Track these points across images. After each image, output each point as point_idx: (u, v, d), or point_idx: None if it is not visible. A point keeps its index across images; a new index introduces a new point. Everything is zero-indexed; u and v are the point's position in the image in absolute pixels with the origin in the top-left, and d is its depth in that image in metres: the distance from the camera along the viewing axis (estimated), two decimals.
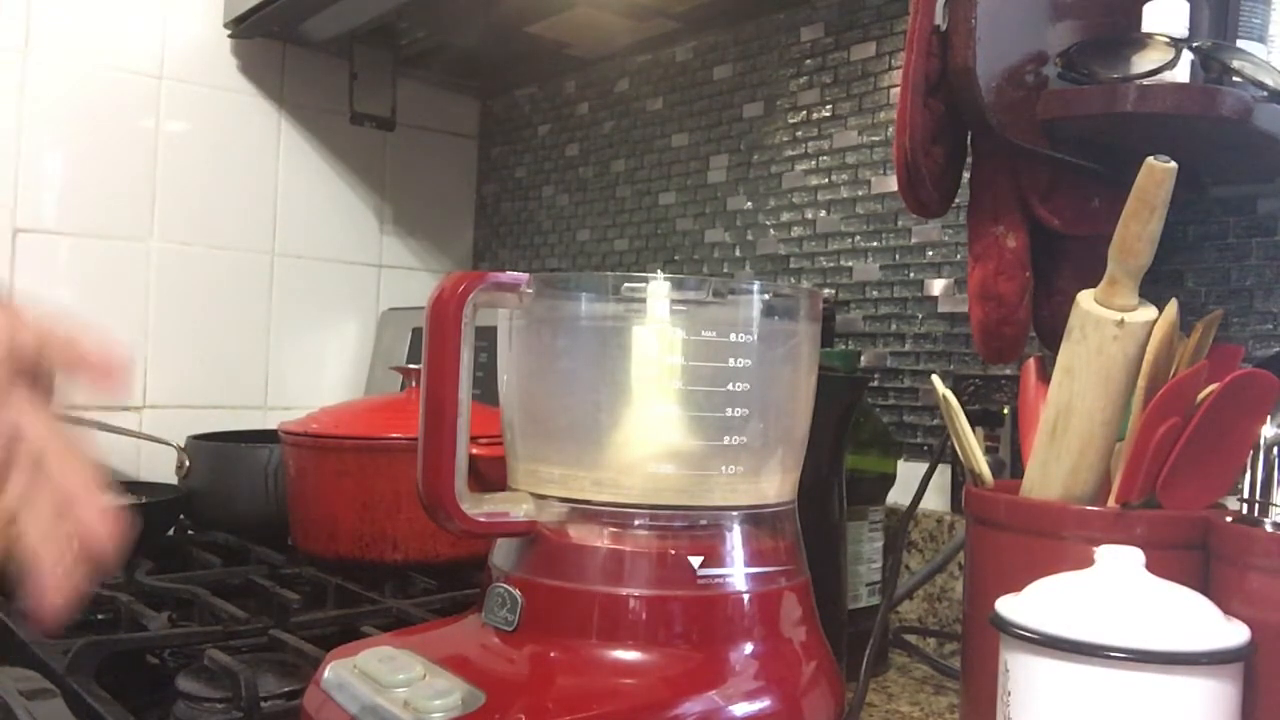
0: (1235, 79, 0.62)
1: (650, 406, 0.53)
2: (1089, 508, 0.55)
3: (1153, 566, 0.48)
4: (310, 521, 0.94)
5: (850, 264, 1.03)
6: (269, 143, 1.37)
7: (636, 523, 0.52)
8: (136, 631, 0.76)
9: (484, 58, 1.39)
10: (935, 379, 0.66)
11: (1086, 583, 0.49)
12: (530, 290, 0.54)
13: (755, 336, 0.53)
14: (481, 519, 0.52)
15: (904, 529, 0.76)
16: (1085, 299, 0.55)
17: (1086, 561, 0.49)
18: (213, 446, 1.13)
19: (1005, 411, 0.85)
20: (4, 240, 1.18)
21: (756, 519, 0.54)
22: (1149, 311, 0.54)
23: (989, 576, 0.58)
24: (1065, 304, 0.57)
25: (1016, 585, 0.51)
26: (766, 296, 0.55)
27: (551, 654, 0.51)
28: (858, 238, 1.02)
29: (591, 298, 0.54)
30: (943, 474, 0.91)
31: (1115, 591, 0.48)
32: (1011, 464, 0.83)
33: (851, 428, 0.75)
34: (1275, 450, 0.50)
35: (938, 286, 0.95)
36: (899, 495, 0.85)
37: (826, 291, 1.03)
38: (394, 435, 0.90)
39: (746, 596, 0.53)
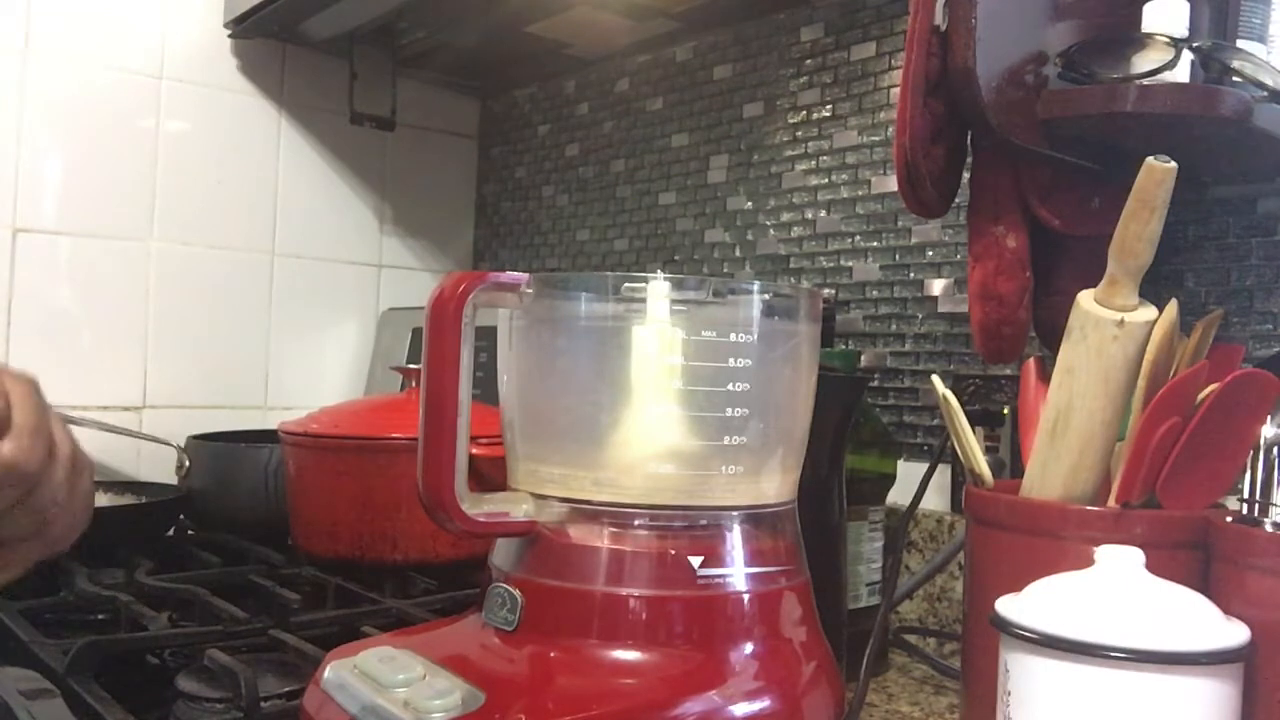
0: (1235, 79, 0.62)
1: (650, 406, 0.53)
2: (1089, 508, 0.55)
3: (1153, 566, 0.48)
4: (310, 521, 0.94)
5: (850, 264, 1.03)
6: (269, 143, 1.37)
7: (636, 523, 0.52)
8: (136, 631, 0.76)
9: (484, 58, 1.39)
10: (935, 379, 0.66)
11: (1086, 583, 0.49)
12: (530, 290, 0.54)
13: (755, 336, 0.53)
14: (481, 519, 0.52)
15: (904, 529, 0.76)
16: (1085, 299, 0.55)
17: (1086, 561, 0.49)
18: (213, 446, 1.13)
19: (1005, 411, 0.85)
20: (4, 240, 1.18)
21: (756, 519, 0.54)
22: (1149, 311, 0.54)
23: (989, 576, 0.58)
24: (1065, 304, 0.57)
25: (1016, 585, 0.51)
26: (766, 296, 0.55)
27: (551, 654, 0.51)
28: (858, 238, 1.02)
29: (591, 298, 0.54)
30: (943, 474, 0.91)
31: (1115, 591, 0.48)
32: (1011, 464, 0.83)
33: (851, 428, 0.75)
34: (1275, 450, 0.50)
35: (938, 286, 0.95)
36: (899, 495, 0.85)
37: (826, 291, 1.03)
38: (394, 435, 0.90)
39: (746, 596, 0.53)
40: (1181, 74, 0.62)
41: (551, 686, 0.50)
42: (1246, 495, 0.51)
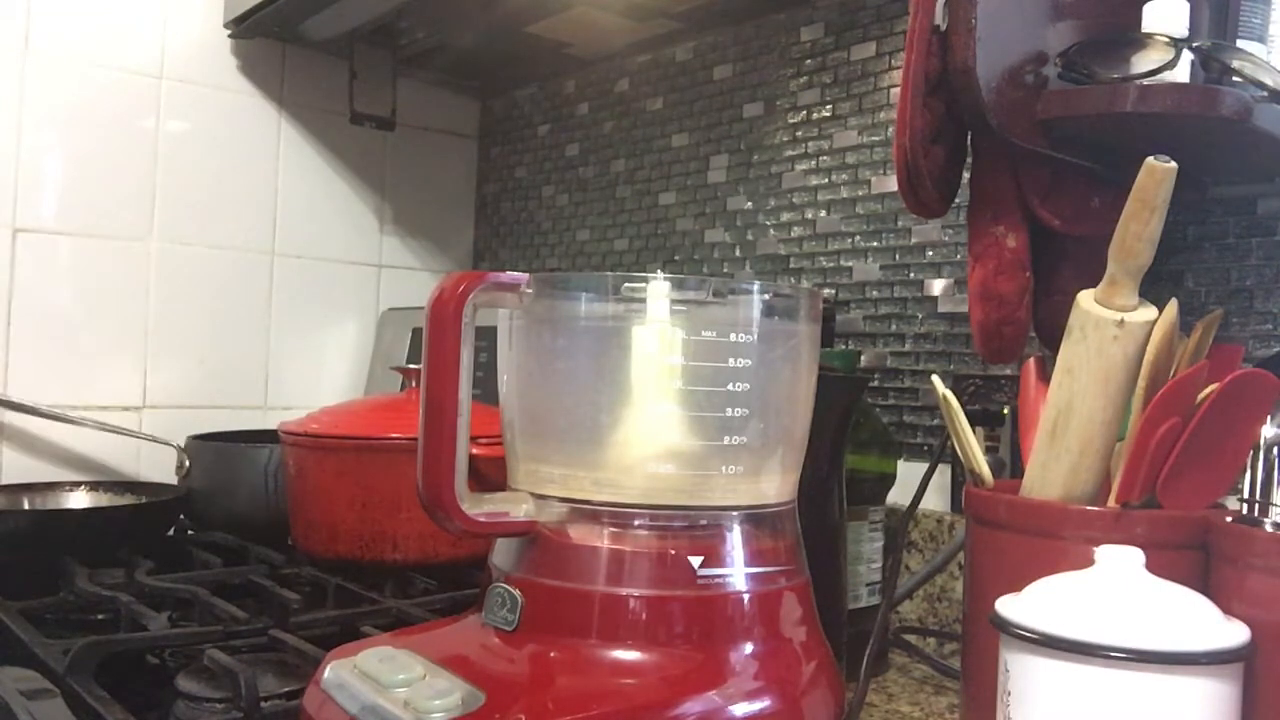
0: (1235, 79, 0.62)
1: (650, 406, 0.53)
2: (1089, 508, 0.55)
3: (1153, 566, 0.48)
4: (310, 521, 0.94)
5: (850, 264, 1.03)
6: (269, 143, 1.37)
7: (636, 523, 0.52)
8: (136, 631, 0.76)
9: (484, 58, 1.39)
10: (935, 379, 0.66)
11: (1086, 583, 0.49)
12: (530, 290, 0.54)
13: (755, 336, 0.53)
14: (481, 519, 0.52)
15: (904, 529, 0.76)
16: (1085, 299, 0.55)
17: (1086, 561, 0.49)
18: (213, 446, 1.13)
19: (1005, 411, 0.85)
20: (4, 240, 1.18)
21: (756, 519, 0.54)
22: (1149, 311, 0.54)
23: (989, 576, 0.58)
24: (1065, 304, 0.57)
25: (1016, 585, 0.51)
26: (766, 296, 0.55)
27: (551, 654, 0.51)
28: (858, 238, 1.02)
29: (591, 298, 0.54)
30: (943, 474, 0.91)
31: (1115, 591, 0.48)
32: (1011, 464, 0.83)
33: (851, 428, 0.75)
34: (1275, 450, 0.50)
35: (938, 286, 0.95)
36: (899, 495, 0.85)
37: (826, 291, 1.03)
38: (394, 435, 0.90)
39: (746, 596, 0.53)
40: (1181, 74, 0.62)
41: (551, 686, 0.50)
42: (1246, 495, 0.51)
